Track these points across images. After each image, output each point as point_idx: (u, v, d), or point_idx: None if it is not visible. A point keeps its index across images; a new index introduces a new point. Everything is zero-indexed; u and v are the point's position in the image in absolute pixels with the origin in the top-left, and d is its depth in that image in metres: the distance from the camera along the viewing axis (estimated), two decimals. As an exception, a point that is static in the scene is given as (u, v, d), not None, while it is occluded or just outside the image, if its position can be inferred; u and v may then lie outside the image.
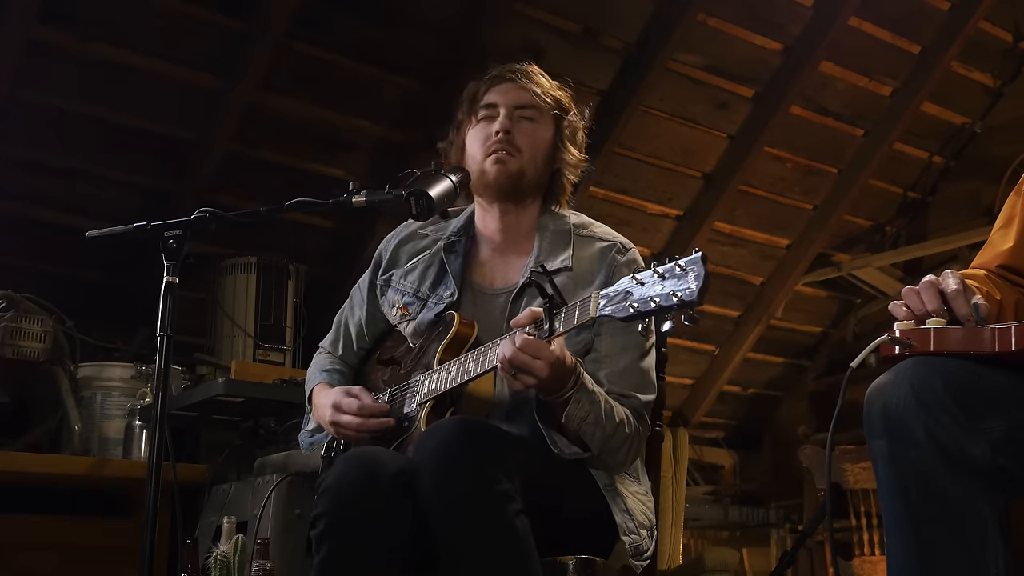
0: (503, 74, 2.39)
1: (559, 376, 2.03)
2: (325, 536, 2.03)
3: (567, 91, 2.43)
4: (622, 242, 2.32)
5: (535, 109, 2.35)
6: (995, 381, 1.62)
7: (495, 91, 2.37)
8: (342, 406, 2.28)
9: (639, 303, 1.80)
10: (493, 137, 2.31)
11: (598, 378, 2.18)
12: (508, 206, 2.36)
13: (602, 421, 2.09)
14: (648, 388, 2.25)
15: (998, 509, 1.59)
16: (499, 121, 2.32)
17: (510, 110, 2.34)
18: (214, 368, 3.99)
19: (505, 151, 2.30)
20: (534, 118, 2.34)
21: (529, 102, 2.35)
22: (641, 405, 2.21)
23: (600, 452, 2.13)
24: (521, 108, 2.34)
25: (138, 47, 3.89)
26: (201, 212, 2.15)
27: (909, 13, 5.25)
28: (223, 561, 2.73)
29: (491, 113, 2.35)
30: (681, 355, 5.72)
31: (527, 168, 2.32)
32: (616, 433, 2.12)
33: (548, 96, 2.37)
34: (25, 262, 3.99)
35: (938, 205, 6.07)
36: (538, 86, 2.37)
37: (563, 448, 2.12)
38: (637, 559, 2.18)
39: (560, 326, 1.98)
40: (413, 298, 2.38)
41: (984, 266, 1.97)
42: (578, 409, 2.07)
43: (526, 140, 2.33)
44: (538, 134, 2.34)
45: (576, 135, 2.40)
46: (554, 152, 2.36)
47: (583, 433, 2.09)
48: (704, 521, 5.78)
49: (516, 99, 2.35)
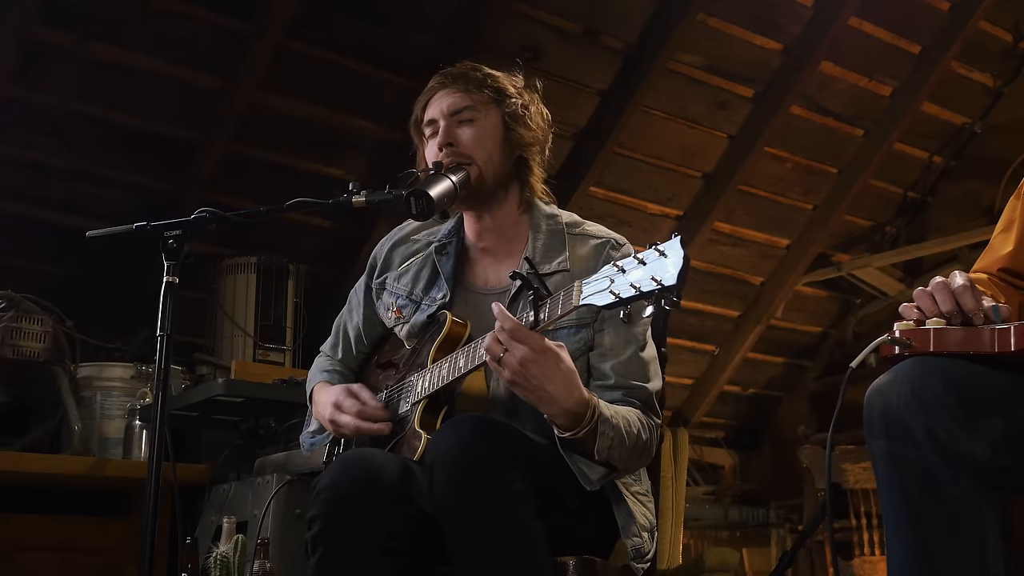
0: (435, 84, 2.33)
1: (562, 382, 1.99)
2: (321, 537, 2.03)
3: (506, 72, 2.36)
4: (616, 239, 2.31)
5: (471, 108, 2.29)
6: (994, 381, 1.63)
7: (431, 104, 2.32)
8: (343, 406, 2.28)
9: (620, 289, 1.80)
10: (439, 153, 2.27)
11: (605, 371, 2.18)
12: (483, 210, 2.33)
13: (626, 441, 2.08)
14: (654, 377, 2.24)
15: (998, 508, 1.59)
16: (439, 134, 2.29)
17: (447, 119, 2.29)
18: (214, 368, 3.99)
19: (455, 163, 2.26)
20: (473, 118, 2.29)
21: (463, 103, 2.29)
22: (650, 395, 2.21)
23: (625, 467, 2.13)
24: (457, 113, 2.29)
25: (138, 47, 3.89)
26: (201, 212, 2.15)
27: (909, 13, 5.25)
28: (223, 561, 2.73)
29: (434, 128, 2.31)
30: (681, 355, 5.72)
31: (484, 170, 2.28)
32: (637, 443, 2.11)
33: (481, 88, 2.30)
34: (25, 262, 3.99)
35: (938, 205, 6.07)
36: (472, 84, 2.30)
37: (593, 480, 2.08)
38: (639, 562, 2.18)
39: (545, 316, 1.97)
40: (406, 300, 2.37)
41: (986, 270, 1.97)
42: (604, 440, 2.05)
43: (471, 143, 2.27)
44: (482, 132, 2.29)
45: (526, 112, 2.32)
46: (508, 140, 2.30)
47: (611, 458, 2.08)
48: (704, 521, 5.78)
49: (450, 105, 2.30)
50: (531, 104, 2.35)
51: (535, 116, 2.34)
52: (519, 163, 2.34)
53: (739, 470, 6.25)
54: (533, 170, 2.35)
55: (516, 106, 2.31)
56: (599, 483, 2.09)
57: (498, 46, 4.31)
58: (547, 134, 2.37)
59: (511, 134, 2.30)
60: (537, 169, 2.36)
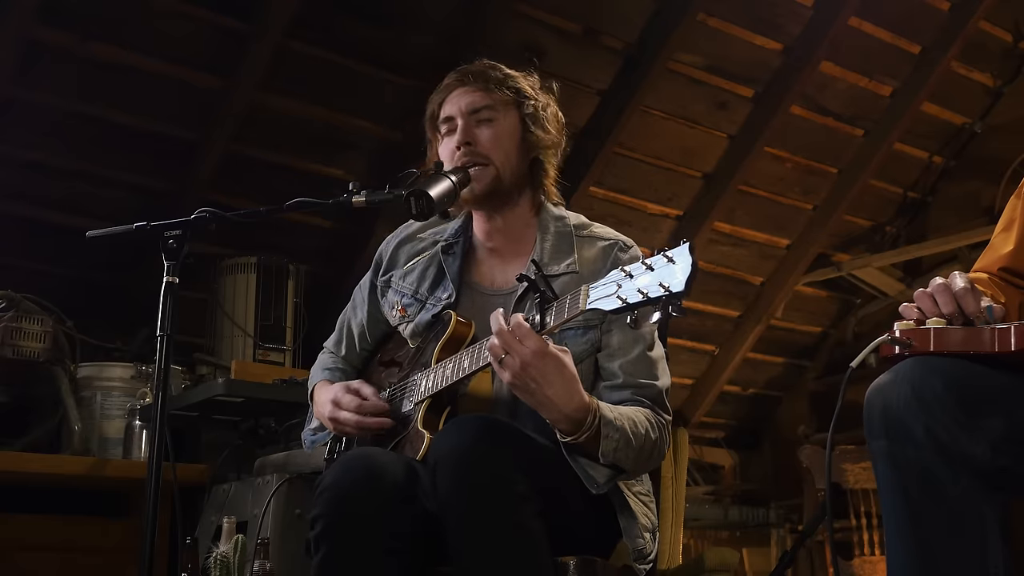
0: (453, 81, 2.31)
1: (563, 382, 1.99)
2: (323, 537, 2.03)
3: (525, 74, 2.35)
4: (624, 241, 2.31)
5: (490, 108, 2.28)
6: (995, 381, 1.63)
7: (449, 101, 2.30)
8: (341, 402, 2.28)
9: (627, 294, 1.80)
10: (456, 152, 2.26)
11: (614, 370, 2.18)
12: (495, 211, 2.32)
13: (632, 442, 2.08)
14: (663, 375, 2.24)
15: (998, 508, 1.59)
16: (458, 133, 2.27)
17: (466, 117, 2.27)
18: (214, 368, 3.99)
19: (472, 163, 2.25)
20: (492, 118, 2.27)
21: (482, 102, 2.27)
22: (659, 392, 2.21)
23: (634, 468, 2.13)
24: (476, 112, 2.27)
25: (138, 47, 3.89)
26: (201, 212, 2.15)
27: (909, 13, 5.25)
28: (223, 561, 2.73)
29: (451, 126, 2.29)
30: (681, 355, 5.71)
31: (502, 171, 2.27)
32: (645, 443, 2.11)
33: (501, 88, 2.29)
34: (25, 262, 3.99)
35: (938, 205, 6.07)
36: (492, 82, 2.29)
37: (601, 483, 2.08)
38: (641, 562, 2.18)
39: (551, 320, 1.97)
40: (411, 299, 2.37)
41: (986, 269, 1.97)
42: (609, 443, 2.05)
43: (490, 143, 2.26)
44: (500, 132, 2.27)
45: (544, 115, 2.32)
46: (525, 141, 2.30)
47: (618, 460, 2.08)
48: (704, 521, 5.78)
49: (470, 103, 2.28)
50: (548, 106, 2.34)
51: (551, 119, 2.34)
52: (534, 165, 2.33)
53: (739, 470, 6.25)
54: (548, 172, 2.35)
55: (534, 107, 2.31)
56: (606, 486, 2.09)
57: (498, 46, 4.31)
58: (562, 137, 2.37)
59: (528, 136, 2.30)
60: (552, 172, 2.36)
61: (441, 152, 2.31)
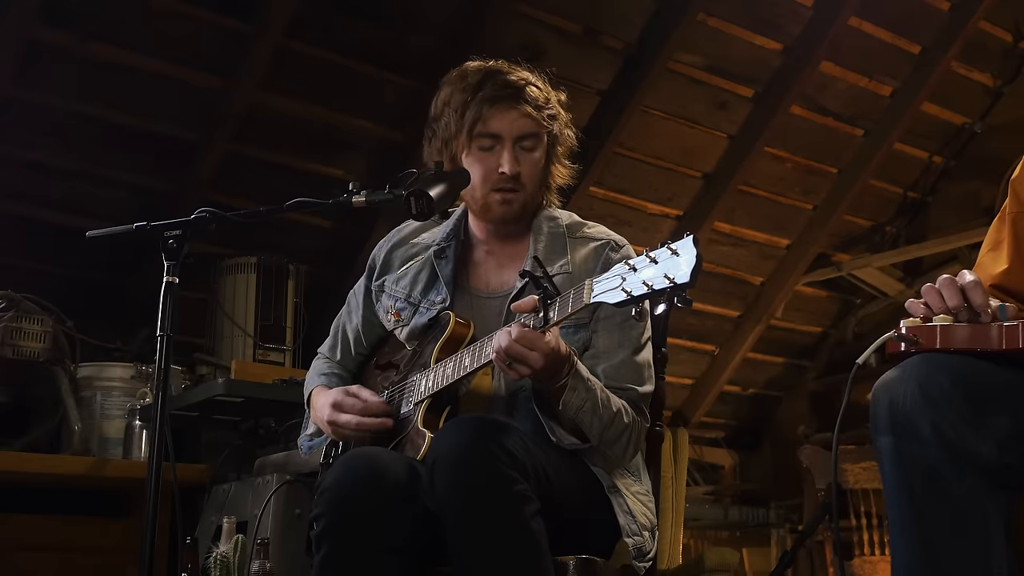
0: (500, 94, 2.24)
1: (554, 366, 2.03)
2: (324, 536, 2.03)
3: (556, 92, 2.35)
4: (615, 240, 2.32)
5: (535, 136, 2.27)
6: (1002, 378, 1.63)
7: (496, 118, 2.24)
8: (342, 405, 2.27)
9: (632, 287, 1.80)
10: (498, 175, 2.24)
11: (596, 373, 2.18)
12: (503, 226, 2.34)
13: (599, 410, 2.09)
14: (645, 380, 2.25)
15: (1003, 507, 1.59)
16: (507, 161, 2.23)
17: (513, 144, 2.25)
18: (214, 368, 3.99)
19: (511, 189, 2.26)
20: (534, 147, 2.27)
21: (531, 130, 2.26)
22: (639, 397, 2.21)
23: (599, 442, 2.13)
24: (523, 139, 2.26)
25: (138, 47, 3.89)
26: (201, 212, 2.14)
27: (909, 13, 5.25)
28: (223, 561, 2.73)
29: (495, 144, 2.25)
30: (681, 355, 5.71)
31: (529, 199, 2.30)
32: (614, 423, 2.12)
33: (545, 115, 2.28)
34: (25, 262, 3.98)
35: (938, 205, 6.07)
36: (537, 107, 2.26)
37: (561, 438, 2.11)
38: (640, 561, 2.18)
39: (555, 315, 1.97)
40: (405, 303, 2.37)
41: None
42: (574, 397, 2.07)
43: (529, 173, 2.27)
44: (538, 160, 2.28)
45: (565, 146, 2.34)
46: (547, 163, 2.32)
47: (580, 422, 2.09)
48: (704, 521, 5.78)
49: (520, 129, 2.25)
50: (568, 126, 2.36)
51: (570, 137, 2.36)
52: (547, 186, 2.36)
53: (739, 470, 6.25)
54: (554, 185, 2.37)
55: (559, 129, 2.33)
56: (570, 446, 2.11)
57: (498, 46, 4.29)
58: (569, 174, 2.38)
59: (551, 157, 2.33)
60: (558, 182, 2.37)
61: (471, 162, 2.26)
